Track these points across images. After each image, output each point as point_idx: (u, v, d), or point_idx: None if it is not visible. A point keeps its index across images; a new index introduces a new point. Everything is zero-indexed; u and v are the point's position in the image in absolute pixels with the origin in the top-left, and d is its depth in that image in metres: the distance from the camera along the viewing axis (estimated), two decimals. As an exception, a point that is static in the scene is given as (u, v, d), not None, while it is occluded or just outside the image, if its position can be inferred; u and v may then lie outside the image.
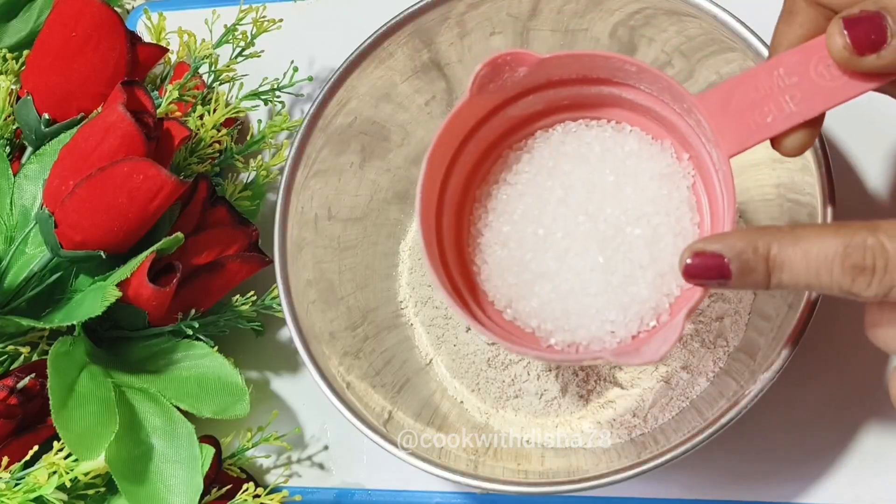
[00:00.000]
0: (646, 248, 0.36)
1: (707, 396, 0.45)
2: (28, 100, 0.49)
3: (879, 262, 0.28)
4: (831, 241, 0.29)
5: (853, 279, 0.29)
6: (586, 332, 0.37)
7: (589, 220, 0.36)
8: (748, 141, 0.33)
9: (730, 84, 0.33)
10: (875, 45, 0.30)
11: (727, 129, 0.33)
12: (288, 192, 0.46)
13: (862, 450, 0.45)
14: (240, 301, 0.51)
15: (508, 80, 0.36)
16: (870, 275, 0.29)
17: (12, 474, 0.43)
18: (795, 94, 0.32)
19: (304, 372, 0.49)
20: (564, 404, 0.47)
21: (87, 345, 0.47)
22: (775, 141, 0.33)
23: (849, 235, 0.29)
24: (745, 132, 0.33)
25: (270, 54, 0.54)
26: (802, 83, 0.32)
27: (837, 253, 0.29)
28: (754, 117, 0.32)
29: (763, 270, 0.30)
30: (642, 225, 0.36)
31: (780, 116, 0.32)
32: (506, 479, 0.41)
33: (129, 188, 0.44)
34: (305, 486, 0.52)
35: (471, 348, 0.49)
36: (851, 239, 0.29)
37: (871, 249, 0.28)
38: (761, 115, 0.32)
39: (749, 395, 0.38)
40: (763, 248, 0.30)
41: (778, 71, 0.32)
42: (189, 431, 0.45)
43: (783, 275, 0.30)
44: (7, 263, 0.48)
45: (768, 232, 0.30)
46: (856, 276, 0.29)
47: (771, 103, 0.32)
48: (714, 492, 0.46)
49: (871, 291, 0.29)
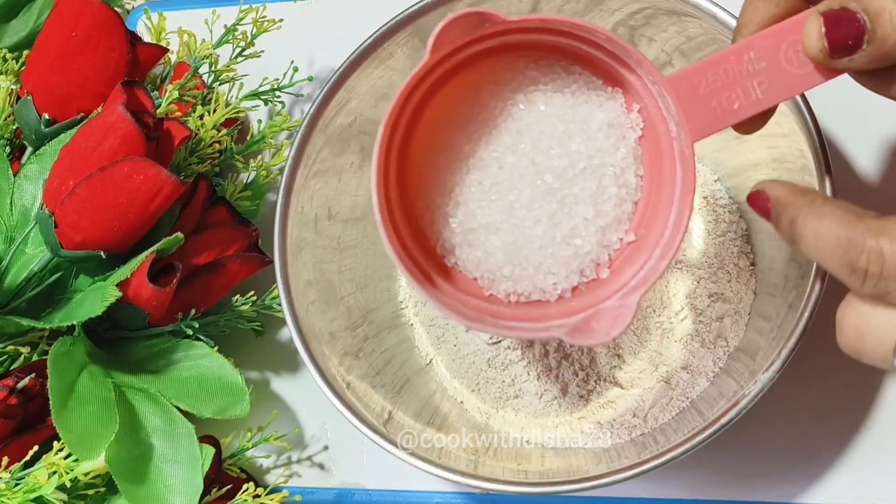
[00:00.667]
0: (590, 201, 0.35)
1: (707, 396, 0.45)
2: (28, 100, 0.49)
3: (874, 268, 0.28)
4: (838, 230, 0.29)
5: (848, 275, 0.29)
6: (529, 283, 0.36)
7: (536, 172, 0.35)
8: (714, 127, 0.33)
9: (700, 67, 0.33)
10: (851, 50, 0.30)
11: (695, 114, 0.33)
12: (288, 192, 0.46)
13: (862, 450, 0.45)
14: (240, 301, 0.51)
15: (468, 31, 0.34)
16: (862, 276, 0.29)
17: (12, 474, 0.43)
18: (763, 80, 0.32)
19: (304, 372, 0.49)
20: (564, 404, 0.47)
21: (87, 345, 0.47)
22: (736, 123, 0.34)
23: (853, 230, 0.29)
24: (712, 118, 0.33)
25: (270, 54, 0.54)
26: (771, 69, 0.32)
27: (840, 245, 0.29)
28: (721, 103, 0.33)
29: (788, 234, 0.31)
30: (588, 177, 0.35)
31: (746, 103, 0.32)
32: (506, 479, 0.41)
33: (129, 188, 0.44)
34: (305, 486, 0.52)
35: (471, 348, 0.49)
36: (853, 234, 0.29)
37: (869, 252, 0.28)
38: (728, 101, 0.32)
39: (749, 395, 0.38)
40: (790, 214, 0.31)
41: (749, 55, 0.32)
42: (189, 431, 0.45)
43: (801, 245, 0.30)
44: (7, 263, 0.48)
45: (800, 197, 0.31)
46: (851, 273, 0.29)
47: (738, 89, 0.32)
48: (714, 492, 0.46)
49: (865, 290, 0.29)
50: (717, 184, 0.49)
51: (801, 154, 0.40)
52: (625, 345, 0.47)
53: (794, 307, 0.39)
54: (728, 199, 0.49)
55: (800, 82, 0.32)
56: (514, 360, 0.48)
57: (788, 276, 0.42)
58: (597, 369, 0.47)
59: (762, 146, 0.45)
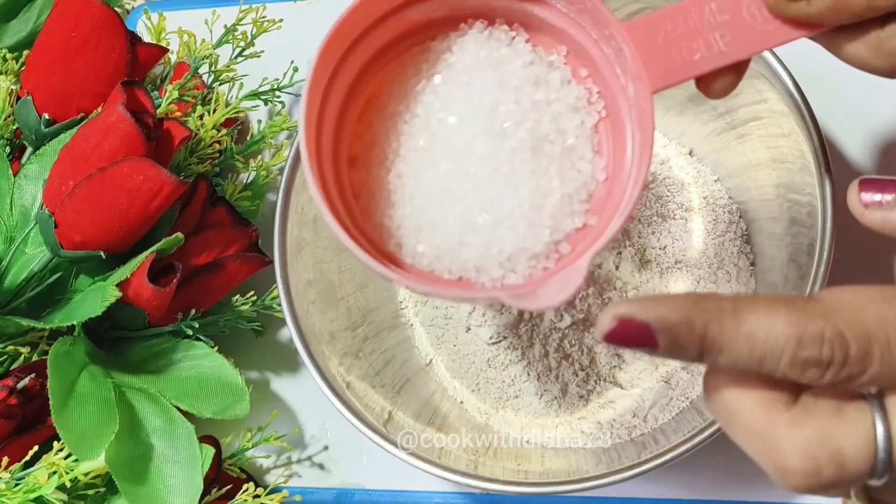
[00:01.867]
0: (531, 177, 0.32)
1: (707, 396, 0.45)
2: (28, 100, 0.49)
3: (838, 356, 0.25)
4: (782, 328, 0.25)
5: (803, 371, 0.26)
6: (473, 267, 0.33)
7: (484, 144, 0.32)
8: (673, 77, 0.31)
9: (659, 15, 0.32)
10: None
11: (653, 62, 0.31)
12: (288, 192, 0.46)
13: (862, 450, 0.45)
14: (240, 301, 0.51)
15: None
16: (824, 368, 0.25)
17: (12, 474, 0.43)
18: (726, 33, 0.31)
19: (304, 372, 0.49)
20: (564, 404, 0.47)
21: (87, 345, 0.47)
22: (701, 81, 0.32)
23: (804, 324, 0.25)
24: (671, 68, 0.31)
25: (270, 54, 0.54)
26: (733, 22, 0.31)
27: (789, 344, 0.25)
28: (681, 53, 0.31)
29: (696, 350, 0.26)
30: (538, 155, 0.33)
31: (708, 55, 0.31)
32: (506, 479, 0.41)
33: (129, 188, 0.44)
34: (305, 486, 0.52)
35: (471, 348, 0.49)
36: (806, 329, 0.25)
37: (831, 342, 0.25)
38: (689, 51, 0.31)
39: (749, 396, 0.38)
40: (699, 328, 0.26)
41: (710, 6, 0.31)
42: (189, 431, 0.45)
43: (720, 357, 0.26)
44: (7, 263, 0.48)
45: (707, 308, 0.26)
46: (807, 368, 0.26)
47: (700, 40, 0.31)
48: (714, 492, 0.46)
49: (823, 381, 0.26)
50: (717, 184, 0.49)
51: (801, 154, 0.40)
52: (625, 345, 0.47)
53: (794, 307, 0.39)
54: (728, 199, 0.49)
55: (765, 38, 0.31)
56: (514, 360, 0.48)
57: (788, 276, 0.42)
58: (597, 369, 0.47)
59: (762, 146, 0.45)
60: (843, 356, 0.25)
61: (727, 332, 0.26)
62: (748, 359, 0.26)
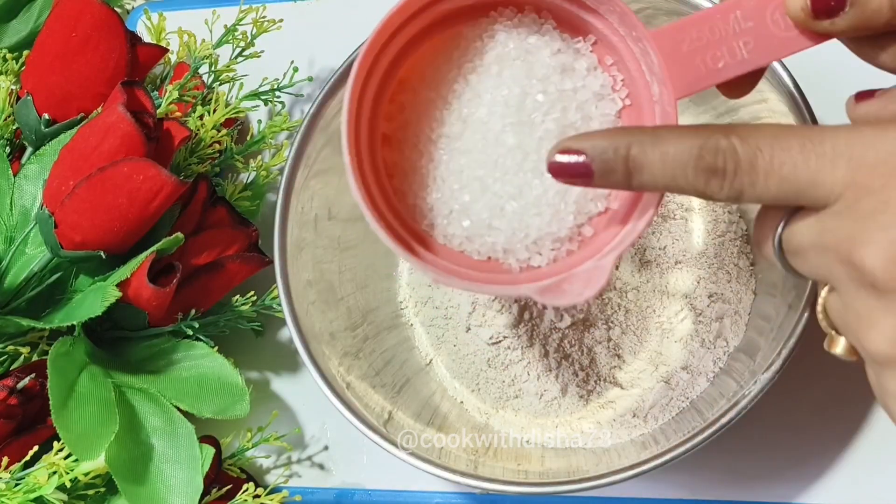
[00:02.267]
0: None
1: (707, 397, 0.45)
2: (28, 100, 0.49)
3: (730, 165, 0.28)
4: (688, 142, 0.29)
5: (706, 181, 0.29)
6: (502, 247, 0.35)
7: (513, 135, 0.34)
8: (698, 85, 0.32)
9: (684, 23, 0.32)
10: (831, 12, 0.30)
11: (677, 70, 0.32)
12: (288, 192, 0.46)
13: (862, 450, 0.45)
14: (240, 301, 0.51)
15: None
16: (721, 177, 0.28)
17: (12, 474, 0.43)
18: (749, 40, 0.32)
19: (304, 372, 0.49)
20: (564, 404, 0.47)
21: (87, 345, 0.47)
22: (722, 84, 0.33)
23: (704, 137, 0.28)
24: (696, 76, 0.32)
25: (270, 54, 0.54)
26: (757, 30, 0.32)
27: (692, 155, 0.29)
28: (706, 61, 0.32)
29: (623, 171, 0.30)
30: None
31: (731, 63, 0.32)
32: (506, 479, 0.41)
33: (129, 188, 0.44)
34: (305, 486, 0.52)
35: (471, 348, 0.49)
36: (706, 140, 0.28)
37: (724, 152, 0.28)
38: (713, 59, 0.32)
39: (749, 396, 0.38)
40: (623, 149, 0.29)
41: (735, 14, 0.32)
42: (189, 431, 0.45)
43: (643, 176, 0.30)
44: (7, 263, 0.48)
45: (630, 132, 0.30)
46: (709, 179, 0.29)
47: (724, 47, 0.32)
48: (714, 492, 0.46)
49: (722, 194, 0.29)
50: (717, 184, 0.49)
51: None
52: (625, 345, 0.47)
53: (794, 307, 0.39)
54: (728, 199, 0.48)
55: (786, 45, 0.32)
56: (514, 360, 0.48)
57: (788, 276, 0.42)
58: (597, 369, 0.47)
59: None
60: (734, 165, 0.28)
61: (646, 151, 0.29)
62: (663, 175, 0.29)
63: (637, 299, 0.48)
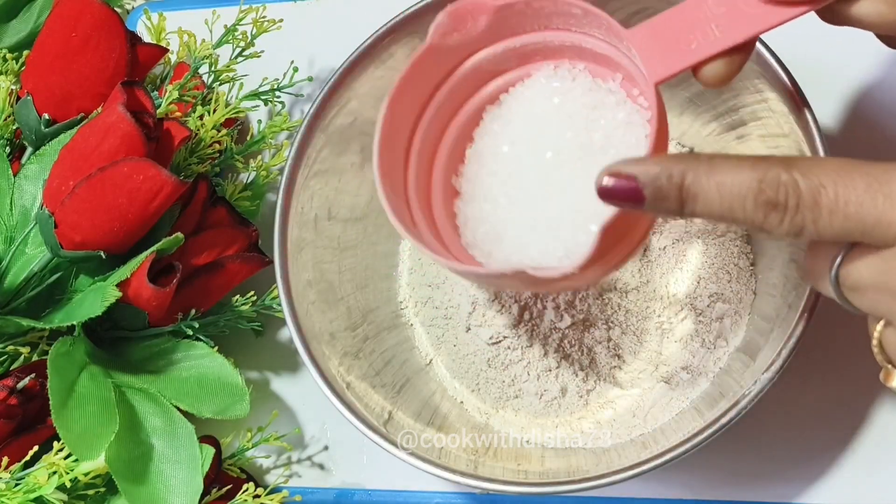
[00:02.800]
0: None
1: (707, 397, 0.45)
2: (28, 100, 0.49)
3: (791, 200, 0.28)
4: (746, 174, 0.28)
5: (765, 215, 0.28)
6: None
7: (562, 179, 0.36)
8: (673, 67, 0.33)
9: (660, 18, 0.34)
10: None
11: (654, 57, 0.33)
12: (288, 192, 0.46)
13: (862, 450, 0.45)
14: (240, 301, 0.51)
15: (472, 29, 0.37)
16: (782, 212, 0.28)
17: (12, 474, 0.43)
18: (721, 22, 0.33)
19: (304, 372, 0.49)
20: (564, 404, 0.47)
21: (87, 345, 0.47)
22: (697, 70, 0.33)
23: (764, 170, 0.28)
24: (670, 59, 0.33)
25: (270, 54, 0.54)
26: (729, 13, 0.33)
27: (751, 188, 0.28)
28: (679, 45, 0.33)
29: (676, 199, 0.29)
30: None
31: (704, 43, 0.33)
32: (506, 479, 0.41)
33: (129, 188, 0.44)
34: (305, 486, 0.52)
35: (471, 348, 0.49)
36: (766, 174, 0.28)
37: (785, 186, 0.28)
38: (686, 42, 0.33)
39: (749, 396, 0.38)
40: (677, 177, 0.29)
41: (707, 2, 0.33)
42: (189, 431, 0.45)
43: (696, 205, 0.29)
44: (7, 263, 0.48)
45: (684, 160, 0.29)
46: (768, 213, 0.28)
47: (697, 32, 0.33)
48: (714, 492, 0.46)
49: (782, 229, 0.29)
50: (717, 184, 0.49)
51: (801, 154, 0.40)
52: (625, 345, 0.47)
53: (794, 307, 0.39)
54: (728, 199, 0.48)
55: (758, 21, 0.32)
56: (514, 360, 0.48)
57: (788, 276, 0.42)
58: (597, 369, 0.47)
59: (762, 146, 0.45)
60: (795, 200, 0.28)
61: (701, 180, 0.29)
62: (720, 206, 0.29)
63: (637, 299, 0.48)
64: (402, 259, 0.52)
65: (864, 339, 0.32)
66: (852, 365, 0.46)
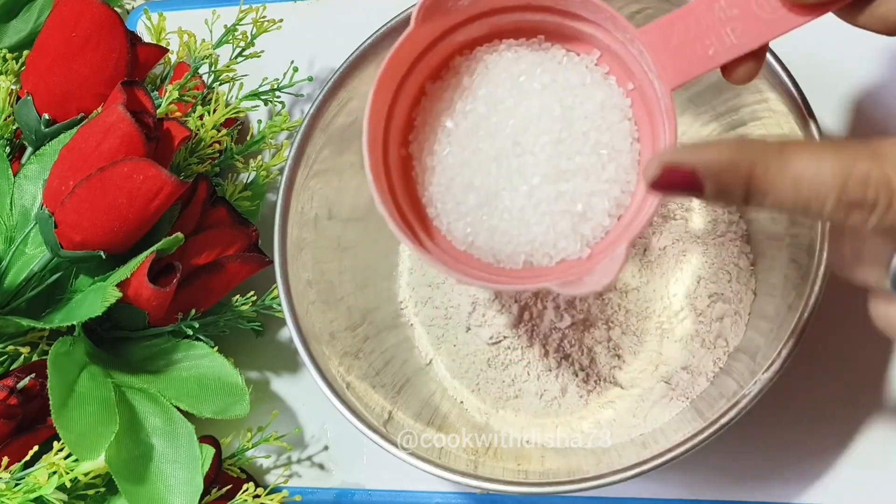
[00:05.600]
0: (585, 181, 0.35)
1: (707, 397, 0.45)
2: (28, 100, 0.49)
3: (883, 199, 0.25)
4: (828, 168, 0.25)
5: (848, 214, 0.26)
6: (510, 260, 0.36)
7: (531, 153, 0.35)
8: (690, 73, 0.33)
9: (669, 18, 0.33)
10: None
11: (668, 62, 0.33)
12: (288, 192, 0.46)
13: (862, 450, 0.45)
14: (240, 301, 0.51)
15: (452, 7, 0.35)
16: (869, 210, 0.25)
17: (12, 474, 0.43)
18: (736, 26, 0.32)
19: (304, 372, 0.49)
20: (564, 404, 0.47)
21: (87, 345, 0.47)
22: (725, 70, 0.33)
23: (849, 163, 0.25)
24: (687, 64, 0.33)
25: (270, 54, 0.54)
26: (743, 15, 0.32)
27: (834, 185, 0.25)
28: (696, 50, 0.33)
29: (741, 192, 0.26)
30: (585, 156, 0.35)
31: (721, 49, 0.32)
32: (506, 479, 0.41)
33: (129, 188, 0.44)
34: (305, 486, 0.52)
35: (471, 348, 0.49)
36: (853, 169, 0.25)
37: (876, 183, 0.25)
38: (703, 47, 0.33)
39: (749, 396, 0.38)
40: (745, 168, 0.26)
41: (719, 3, 0.32)
42: (189, 431, 0.45)
43: (766, 200, 0.26)
44: (7, 263, 0.48)
45: (751, 148, 0.26)
46: (851, 211, 0.26)
47: (712, 36, 0.32)
48: (714, 492, 0.46)
49: (868, 225, 0.26)
50: (717, 184, 0.49)
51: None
52: (625, 345, 0.47)
53: (794, 307, 0.39)
54: (728, 199, 0.48)
55: (773, 26, 0.32)
56: (514, 360, 0.48)
57: (788, 276, 0.42)
58: (597, 369, 0.47)
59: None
60: (887, 200, 0.25)
61: (773, 173, 0.26)
62: (794, 202, 0.26)
63: (637, 299, 0.48)
64: (402, 259, 0.52)
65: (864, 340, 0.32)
66: (852, 365, 0.46)
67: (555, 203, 0.35)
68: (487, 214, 0.35)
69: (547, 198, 0.35)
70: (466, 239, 0.37)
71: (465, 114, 0.36)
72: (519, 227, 0.35)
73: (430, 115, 0.37)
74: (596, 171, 0.35)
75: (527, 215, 0.35)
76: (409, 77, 0.37)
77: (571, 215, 0.35)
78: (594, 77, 0.36)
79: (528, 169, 0.35)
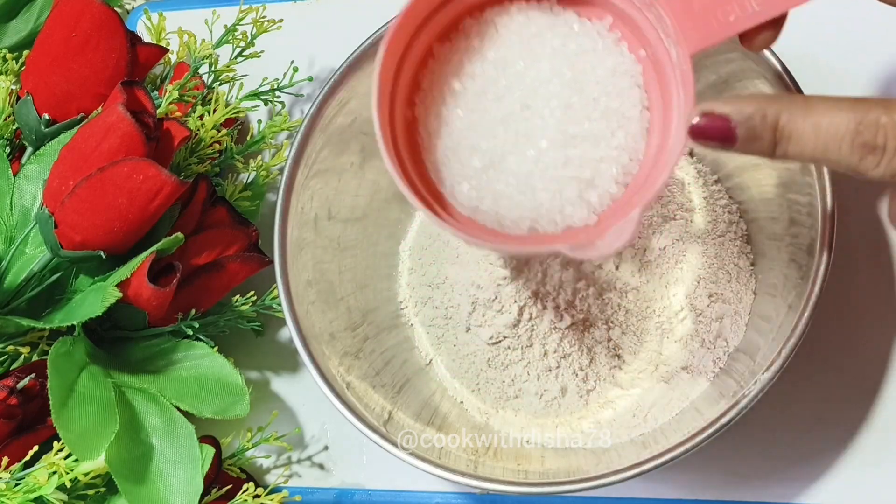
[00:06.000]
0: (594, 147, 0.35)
1: (707, 396, 0.45)
2: (28, 100, 0.49)
3: (891, 143, 0.28)
4: (845, 115, 0.28)
5: (861, 157, 0.28)
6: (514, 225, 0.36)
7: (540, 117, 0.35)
8: (710, 39, 0.33)
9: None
10: None
11: (689, 27, 0.33)
12: (288, 192, 0.46)
13: (862, 450, 0.45)
14: (240, 301, 0.51)
15: None
16: (879, 154, 0.28)
17: (12, 474, 0.43)
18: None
19: (304, 372, 0.49)
20: (564, 404, 0.47)
21: (87, 345, 0.47)
22: (743, 38, 0.34)
23: (863, 111, 0.28)
24: (708, 30, 0.33)
25: (270, 54, 0.54)
26: None
27: (849, 129, 0.28)
28: (717, 16, 0.33)
29: (769, 139, 0.29)
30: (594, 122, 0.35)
31: (742, 16, 0.33)
32: (506, 479, 0.41)
33: (129, 188, 0.44)
34: (305, 486, 0.52)
35: (471, 348, 0.49)
36: (865, 115, 0.28)
37: (885, 128, 0.28)
38: (724, 13, 0.33)
39: (749, 396, 0.38)
40: (772, 117, 0.29)
41: None
42: (189, 431, 0.45)
43: (790, 146, 0.29)
44: (7, 263, 0.48)
45: (779, 100, 0.29)
46: (865, 155, 0.28)
47: (734, 2, 0.33)
48: (714, 492, 0.46)
49: (878, 171, 0.29)
50: (717, 184, 0.49)
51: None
52: (625, 345, 0.47)
53: (793, 307, 0.39)
54: (728, 199, 0.48)
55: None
56: (514, 360, 0.48)
57: (788, 276, 0.43)
58: (597, 369, 0.47)
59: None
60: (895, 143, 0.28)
61: (797, 120, 0.29)
62: (814, 147, 0.29)
63: (637, 299, 0.48)
64: (402, 259, 0.52)
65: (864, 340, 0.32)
66: (852, 365, 0.46)
67: (562, 169, 0.34)
68: (493, 178, 0.35)
69: (554, 163, 0.34)
70: (471, 204, 0.36)
71: (473, 76, 0.36)
72: (525, 192, 0.35)
73: (438, 76, 0.37)
74: (605, 137, 0.35)
75: (533, 180, 0.35)
76: (416, 38, 0.37)
77: (579, 182, 0.35)
78: (606, 43, 0.36)
79: (535, 133, 0.34)
